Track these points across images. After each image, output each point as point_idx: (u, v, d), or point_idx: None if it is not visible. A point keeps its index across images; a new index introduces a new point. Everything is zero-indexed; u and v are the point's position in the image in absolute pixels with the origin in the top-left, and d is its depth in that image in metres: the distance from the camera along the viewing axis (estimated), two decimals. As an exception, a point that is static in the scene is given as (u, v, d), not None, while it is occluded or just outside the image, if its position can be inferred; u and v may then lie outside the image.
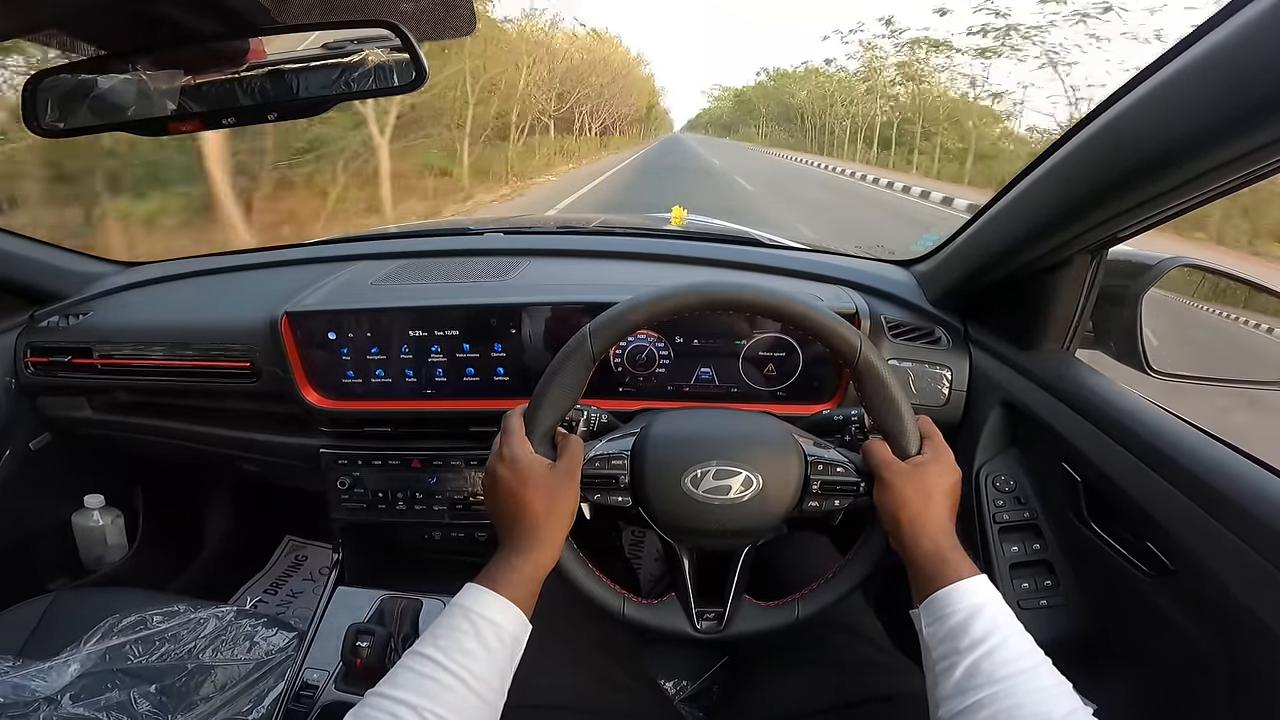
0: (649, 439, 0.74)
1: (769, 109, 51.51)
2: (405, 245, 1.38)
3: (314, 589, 1.69)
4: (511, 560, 0.64)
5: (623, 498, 0.73)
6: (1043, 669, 0.57)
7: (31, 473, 1.32)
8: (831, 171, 24.62)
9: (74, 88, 0.64)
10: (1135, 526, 0.77)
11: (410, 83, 0.63)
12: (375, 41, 0.63)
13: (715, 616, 0.74)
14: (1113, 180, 0.69)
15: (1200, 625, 0.70)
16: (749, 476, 0.70)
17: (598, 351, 0.71)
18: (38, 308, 1.31)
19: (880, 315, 1.07)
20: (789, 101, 45.87)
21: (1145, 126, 0.64)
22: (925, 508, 0.66)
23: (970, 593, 0.61)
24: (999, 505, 0.93)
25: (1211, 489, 0.67)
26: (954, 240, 1.07)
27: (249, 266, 1.37)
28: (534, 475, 0.67)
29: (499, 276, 1.17)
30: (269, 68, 0.63)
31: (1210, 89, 0.57)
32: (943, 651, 0.60)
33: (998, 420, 0.98)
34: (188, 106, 0.65)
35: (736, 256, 1.27)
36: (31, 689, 0.95)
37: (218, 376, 1.15)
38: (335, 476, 1.15)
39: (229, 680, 1.01)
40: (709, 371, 1.06)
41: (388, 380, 1.08)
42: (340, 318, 1.06)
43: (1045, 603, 0.88)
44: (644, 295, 0.71)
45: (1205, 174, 0.61)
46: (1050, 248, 0.83)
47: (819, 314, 0.71)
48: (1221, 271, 0.96)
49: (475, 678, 0.57)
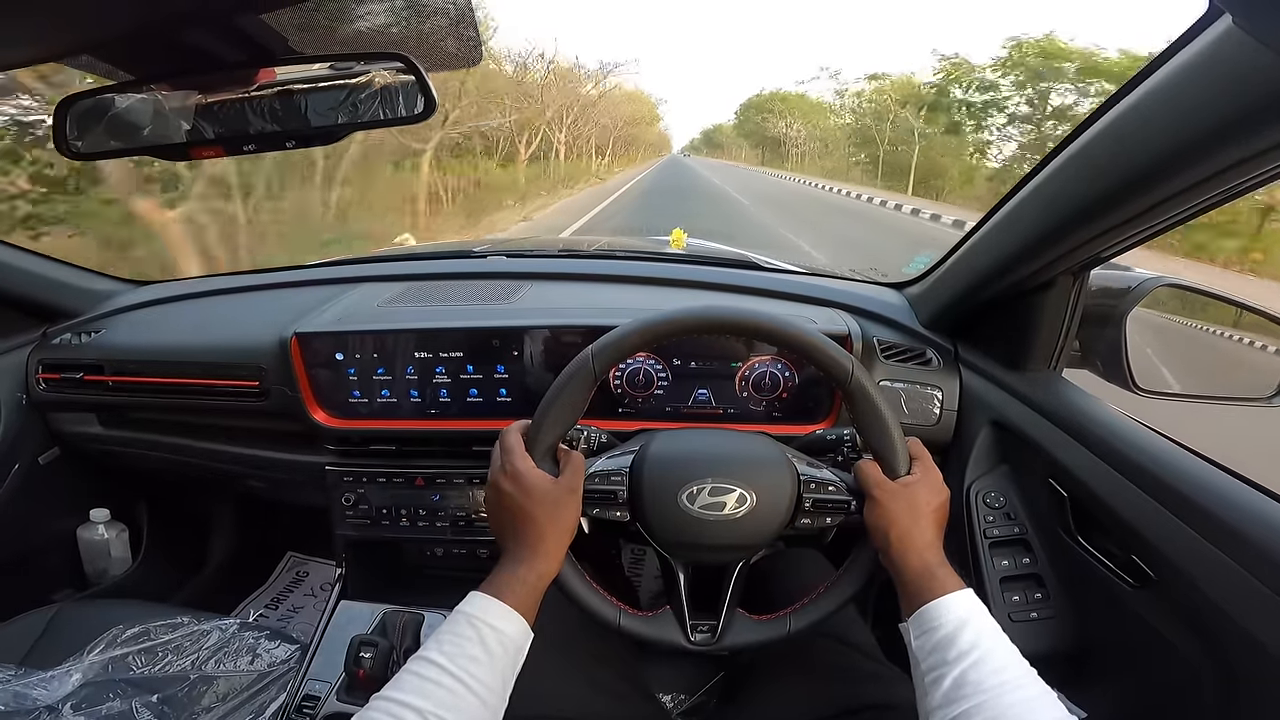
0: (647, 456, 0.76)
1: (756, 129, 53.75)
2: (410, 268, 1.41)
3: (315, 604, 1.69)
4: (515, 570, 0.66)
5: (621, 513, 0.75)
6: (1028, 678, 0.59)
7: (39, 486, 1.33)
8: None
9: (100, 112, 0.67)
10: (1120, 540, 0.79)
11: (420, 113, 0.65)
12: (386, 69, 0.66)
13: (709, 629, 0.75)
14: (1090, 202, 0.72)
15: (1185, 635, 0.71)
16: (743, 494, 0.72)
17: (600, 371, 0.73)
18: (50, 325, 1.34)
19: (872, 337, 1.09)
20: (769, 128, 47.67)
21: (1118, 149, 0.67)
22: (913, 525, 0.68)
23: (957, 606, 0.63)
24: (989, 521, 0.95)
25: (1192, 502, 0.70)
26: (944, 263, 1.10)
27: (257, 287, 1.40)
28: (537, 489, 0.69)
29: (502, 299, 1.20)
30: (277, 89, 0.66)
31: (1173, 112, 0.59)
32: (931, 663, 0.61)
33: (987, 439, 1.00)
34: (206, 131, 0.67)
35: (734, 280, 1.29)
36: (33, 698, 0.96)
37: (227, 395, 1.17)
38: (340, 493, 1.17)
39: (231, 691, 1.02)
40: (706, 393, 1.08)
41: (393, 400, 1.10)
42: (348, 339, 1.08)
43: (1036, 615, 0.89)
44: (645, 318, 0.74)
45: (1177, 195, 0.64)
46: (1034, 269, 0.86)
47: (812, 338, 0.73)
48: (1203, 290, 0.98)
49: (479, 683, 0.58)
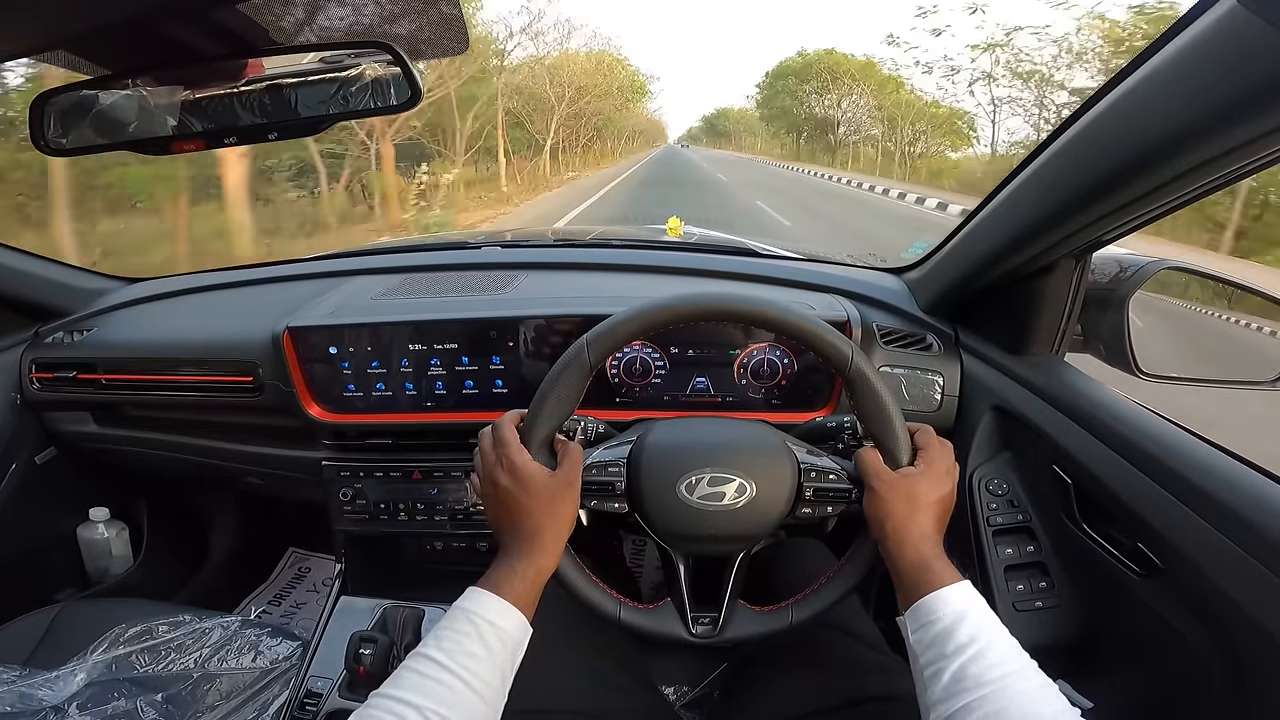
0: (645, 446, 0.75)
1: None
2: (404, 260, 1.40)
3: (317, 600, 1.70)
4: (513, 565, 0.65)
5: (619, 504, 0.74)
6: (1029, 671, 0.58)
7: (37, 486, 1.33)
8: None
9: (80, 107, 0.65)
10: (1125, 527, 0.78)
11: (405, 102, 0.64)
12: (371, 59, 0.65)
13: (710, 621, 0.74)
14: (1092, 185, 0.71)
15: (1192, 623, 0.70)
16: (743, 483, 0.71)
17: (595, 361, 0.72)
18: (42, 324, 1.33)
19: (872, 323, 1.08)
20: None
21: (1120, 131, 0.65)
22: (910, 517, 0.67)
23: (954, 599, 0.62)
24: (992, 509, 0.94)
25: (1197, 488, 0.68)
26: (943, 247, 1.08)
27: (250, 282, 1.39)
28: (535, 482, 0.68)
29: (497, 290, 1.19)
30: (267, 83, 0.65)
31: (1177, 94, 0.58)
32: (930, 657, 0.60)
33: (990, 425, 0.99)
34: (190, 125, 0.66)
35: (731, 267, 1.28)
36: (38, 698, 0.96)
37: (221, 391, 1.17)
38: (337, 488, 1.16)
39: (234, 689, 1.02)
40: (704, 381, 1.07)
41: (388, 393, 1.09)
42: (342, 332, 1.07)
43: (1040, 604, 0.88)
44: (640, 306, 0.73)
45: (1179, 177, 0.62)
46: (1035, 253, 0.85)
47: (811, 324, 0.72)
48: (1206, 273, 0.97)
49: (477, 679, 0.58)
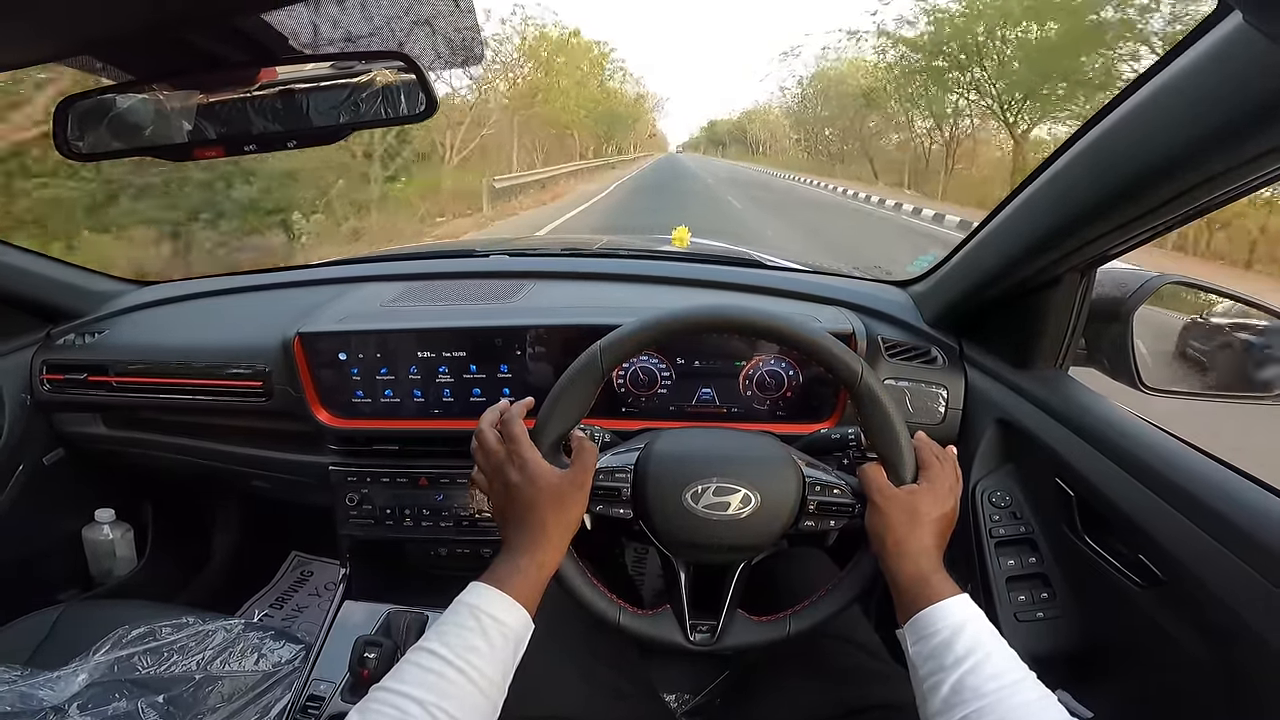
0: (652, 454, 0.75)
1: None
2: (413, 267, 1.41)
3: (319, 604, 1.70)
4: (517, 561, 0.65)
5: (624, 510, 0.75)
6: (1027, 683, 0.58)
7: (44, 487, 1.34)
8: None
9: (102, 112, 0.67)
10: (1127, 539, 0.78)
11: (421, 112, 0.65)
12: (383, 64, 0.66)
13: (709, 629, 0.75)
14: (1099, 199, 0.71)
15: (1193, 634, 0.71)
16: (748, 494, 0.72)
17: (607, 367, 0.73)
18: (54, 325, 1.34)
19: (877, 335, 1.09)
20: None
21: (1125, 147, 0.66)
22: (910, 532, 0.68)
23: (952, 611, 0.63)
24: (995, 520, 0.94)
25: (1199, 500, 0.69)
26: (948, 261, 1.09)
27: (260, 287, 1.40)
28: (545, 481, 0.68)
29: (505, 299, 1.19)
30: (279, 88, 0.66)
31: (1184, 110, 0.59)
32: (929, 669, 0.61)
33: (993, 437, 0.99)
34: (208, 131, 0.67)
35: (737, 278, 1.29)
36: (39, 698, 0.96)
37: (230, 395, 1.18)
38: (344, 493, 1.17)
39: (236, 691, 1.02)
40: (710, 392, 1.08)
41: (396, 400, 1.10)
42: (351, 338, 1.08)
43: (1042, 615, 0.89)
44: (653, 316, 0.74)
45: (1187, 192, 0.63)
46: (1040, 267, 0.86)
47: (822, 339, 0.73)
48: (1210, 288, 0.98)
49: (480, 674, 0.58)
